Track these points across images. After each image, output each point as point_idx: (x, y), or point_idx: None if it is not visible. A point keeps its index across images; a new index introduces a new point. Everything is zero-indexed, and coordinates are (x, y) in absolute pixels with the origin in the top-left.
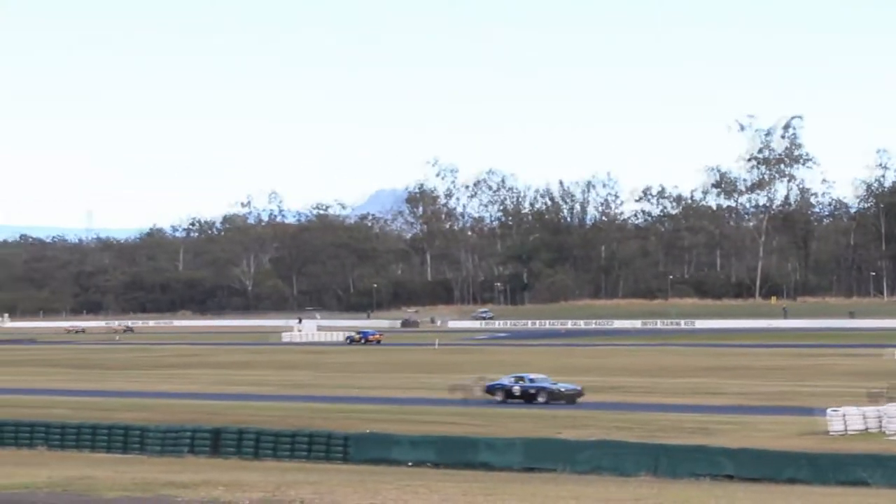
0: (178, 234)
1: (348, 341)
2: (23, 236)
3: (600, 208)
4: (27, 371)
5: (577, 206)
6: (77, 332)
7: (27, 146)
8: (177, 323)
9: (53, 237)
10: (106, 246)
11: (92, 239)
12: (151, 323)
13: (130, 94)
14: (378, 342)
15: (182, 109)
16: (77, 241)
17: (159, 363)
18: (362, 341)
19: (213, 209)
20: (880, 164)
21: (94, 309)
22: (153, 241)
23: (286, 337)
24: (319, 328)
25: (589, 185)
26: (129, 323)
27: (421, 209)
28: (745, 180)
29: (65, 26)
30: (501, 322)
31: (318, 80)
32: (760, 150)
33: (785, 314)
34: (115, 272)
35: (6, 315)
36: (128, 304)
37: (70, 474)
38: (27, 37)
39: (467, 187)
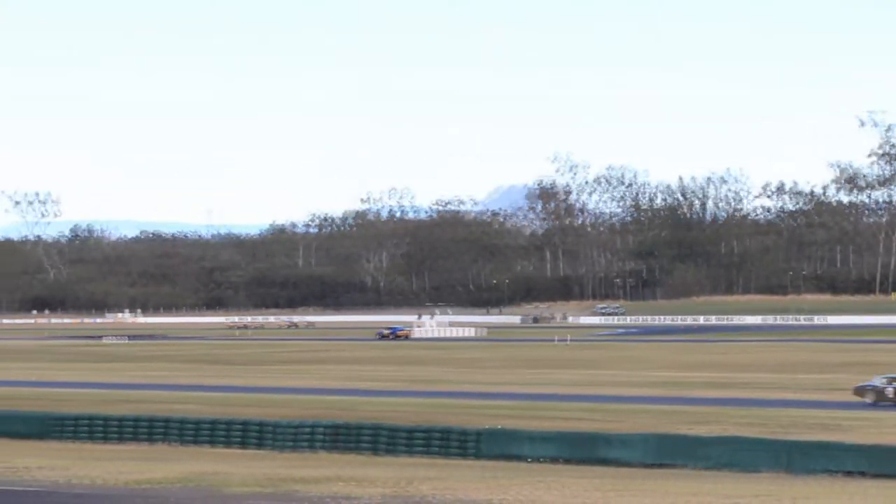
0: (301, 230)
1: (379, 337)
2: (148, 232)
3: (725, 204)
4: (157, 367)
5: (702, 202)
6: (242, 328)
7: (153, 143)
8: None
9: (180, 233)
10: (232, 242)
11: (218, 235)
12: (272, 319)
13: (256, 93)
14: (406, 337)
15: (307, 106)
16: (203, 237)
17: (285, 359)
18: (391, 337)
19: (337, 205)
20: None
21: (220, 305)
22: (278, 237)
23: (416, 332)
24: (444, 324)
25: (714, 181)
26: (296, 318)
27: (545, 205)
28: (872, 176)
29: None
30: (629, 318)
31: (450, 79)
32: (888, 146)
33: None
34: (240, 268)
35: (138, 310)
36: (253, 300)
37: (202, 469)
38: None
39: (592, 183)
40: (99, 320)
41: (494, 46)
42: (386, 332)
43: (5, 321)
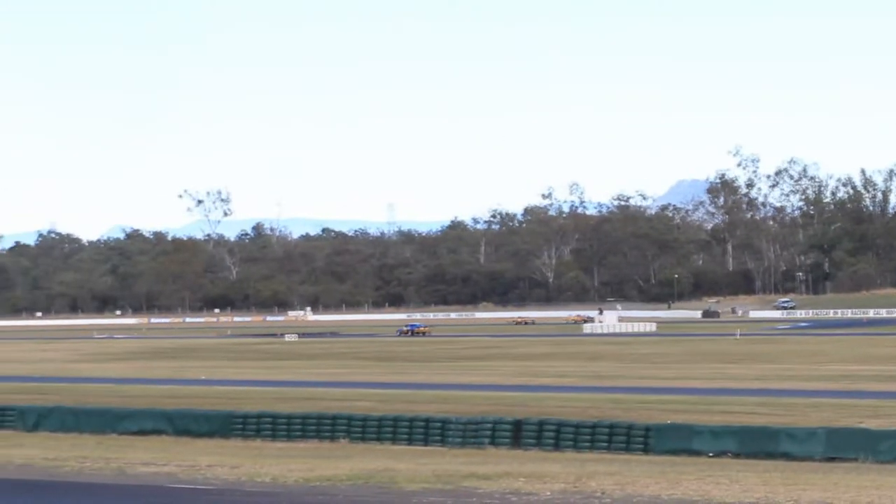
0: (479, 226)
1: (398, 333)
2: (325, 229)
3: None
4: (331, 364)
5: (880, 195)
6: (525, 323)
7: (329, 141)
8: (478, 315)
9: (355, 230)
10: (408, 239)
11: (393, 232)
12: (453, 315)
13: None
14: (424, 334)
15: (487, 104)
16: (379, 234)
17: (461, 355)
18: (410, 333)
19: (515, 201)
20: None
21: (396, 302)
22: (455, 233)
23: (588, 328)
24: (621, 319)
25: (892, 174)
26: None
27: (722, 199)
28: None
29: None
30: (803, 312)
31: (622, 74)
32: None
33: None
34: (416, 265)
35: (309, 308)
36: (429, 297)
37: (372, 466)
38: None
39: (769, 177)
40: (276, 318)
41: (677, 40)
42: (405, 328)
43: (188, 320)
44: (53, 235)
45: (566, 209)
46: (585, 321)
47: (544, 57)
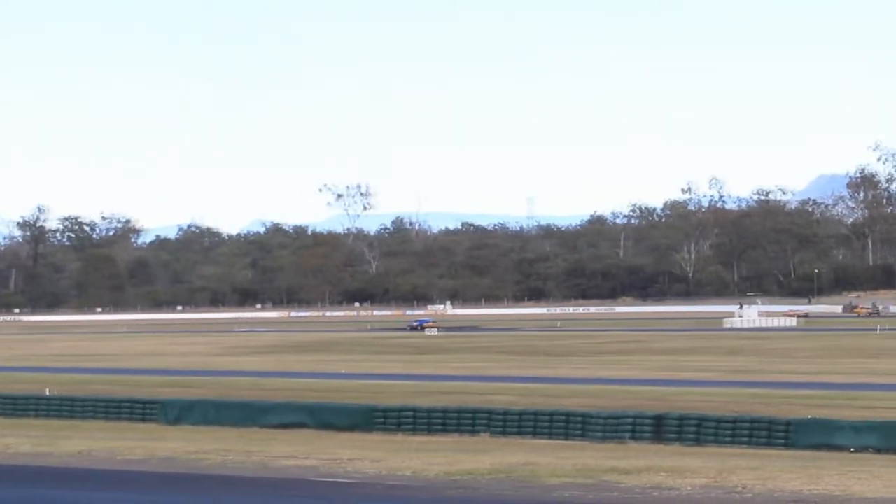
0: (619, 220)
1: (410, 328)
2: (465, 224)
3: None
4: (471, 358)
5: None
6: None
7: (469, 136)
8: (618, 310)
9: (495, 224)
10: (548, 233)
11: (533, 226)
12: (593, 310)
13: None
14: (434, 329)
15: (617, 99)
16: (519, 228)
17: (602, 349)
18: (419, 328)
19: (655, 195)
20: None
21: (536, 296)
22: (595, 227)
23: (728, 323)
24: (761, 314)
25: None
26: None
27: (862, 194)
28: None
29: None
30: None
31: (762, 68)
32: None
33: None
34: (556, 259)
35: (449, 302)
36: (569, 291)
37: (512, 461)
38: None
39: None
40: (417, 312)
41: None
42: (415, 323)
43: (328, 313)
44: (194, 229)
45: (706, 204)
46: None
47: (684, 50)
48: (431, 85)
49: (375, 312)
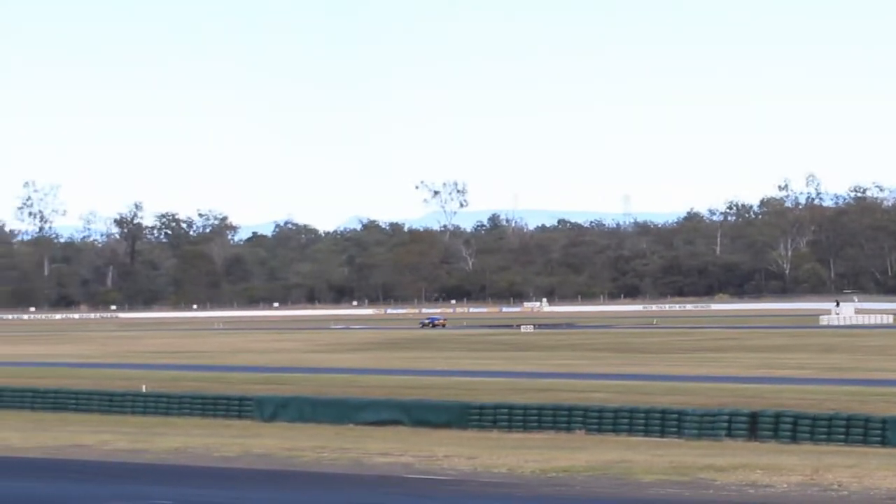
0: (715, 217)
1: (421, 325)
2: (561, 221)
3: None
4: (566, 355)
5: None
6: None
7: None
8: (714, 307)
9: (591, 222)
10: (643, 230)
11: (629, 223)
12: (688, 307)
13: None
14: (443, 326)
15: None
16: (615, 225)
17: (697, 346)
18: (430, 326)
19: (751, 192)
20: None
21: (631, 293)
22: (691, 224)
23: (824, 320)
24: (858, 311)
25: None
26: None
27: None
28: None
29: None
30: None
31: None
32: None
33: None
34: (652, 256)
35: (544, 299)
36: (665, 288)
37: (608, 458)
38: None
39: None
40: (512, 309)
41: None
42: (426, 321)
43: (424, 310)
44: (290, 226)
45: (802, 201)
46: None
47: (782, 46)
48: (528, 82)
49: (471, 310)
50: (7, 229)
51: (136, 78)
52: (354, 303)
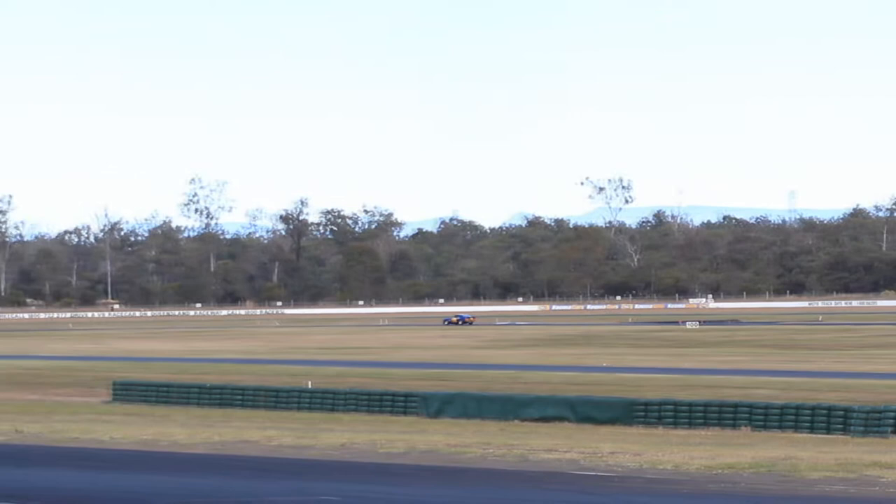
0: (881, 213)
1: (447, 323)
2: (726, 217)
3: None
4: (731, 352)
5: None
6: None
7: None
8: (880, 303)
9: (756, 218)
10: (809, 226)
11: (794, 219)
12: (854, 303)
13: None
14: (471, 323)
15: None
16: (780, 221)
17: (863, 343)
18: (459, 323)
19: None
20: None
21: (797, 290)
22: (857, 220)
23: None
24: None
25: None
26: None
27: None
28: None
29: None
30: None
31: None
32: None
33: None
34: (818, 252)
35: (710, 295)
36: (830, 285)
37: (773, 455)
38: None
39: None
40: (677, 305)
41: None
42: (454, 318)
43: (589, 307)
44: (455, 223)
45: None
46: None
47: None
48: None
49: (636, 306)
50: (174, 225)
51: (301, 77)
52: (519, 299)
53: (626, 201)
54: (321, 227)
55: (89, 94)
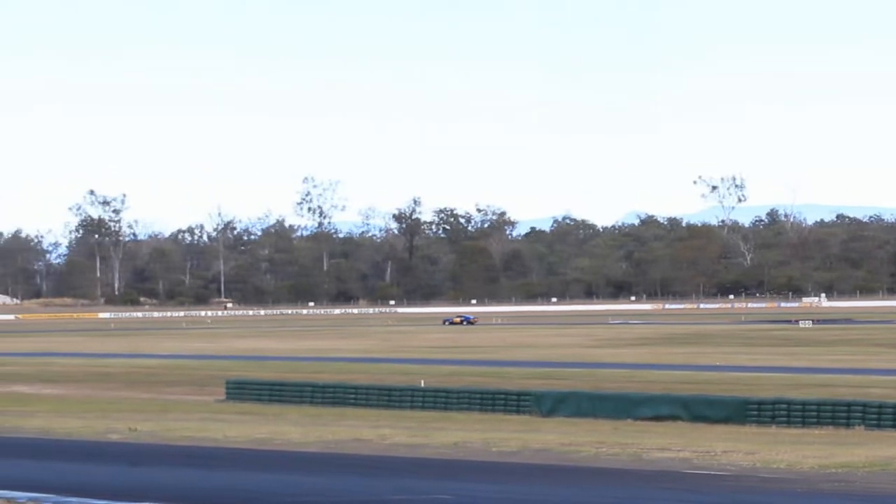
0: None
1: (448, 323)
2: (839, 215)
3: None
4: (845, 351)
5: None
6: None
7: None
8: None
9: (870, 216)
10: None
11: None
12: None
13: None
14: (473, 324)
15: None
16: (894, 220)
17: None
18: (464, 324)
19: None
20: None
21: None
22: None
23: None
24: None
25: None
26: None
27: None
28: None
29: None
30: None
31: None
32: None
33: None
34: None
35: (823, 294)
36: None
37: (889, 454)
38: None
39: None
40: (790, 304)
41: None
42: (457, 319)
43: (702, 306)
44: (568, 221)
45: None
46: None
47: None
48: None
49: (749, 305)
50: (287, 224)
51: (415, 76)
52: (632, 298)
53: (740, 200)
54: (434, 226)
55: (204, 94)
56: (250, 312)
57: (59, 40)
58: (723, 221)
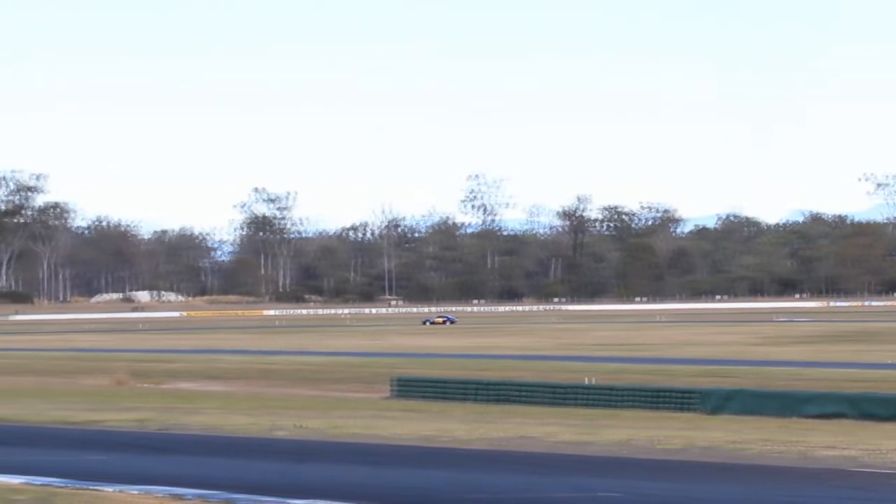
0: None
1: (427, 323)
2: None
3: None
4: None
5: None
6: None
7: None
8: None
9: None
10: None
11: None
12: None
13: None
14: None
15: None
16: None
17: None
18: (446, 323)
19: None
20: None
21: None
22: None
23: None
24: None
25: None
26: None
27: None
28: None
29: None
30: None
31: None
32: None
33: None
34: None
35: None
36: None
37: None
38: None
39: None
40: None
41: None
42: (438, 319)
43: (869, 303)
44: (734, 219)
45: None
46: None
47: None
48: None
49: None
50: (453, 222)
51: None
52: (798, 295)
53: None
54: (600, 224)
55: (371, 92)
56: (416, 310)
57: (227, 40)
58: (890, 219)
